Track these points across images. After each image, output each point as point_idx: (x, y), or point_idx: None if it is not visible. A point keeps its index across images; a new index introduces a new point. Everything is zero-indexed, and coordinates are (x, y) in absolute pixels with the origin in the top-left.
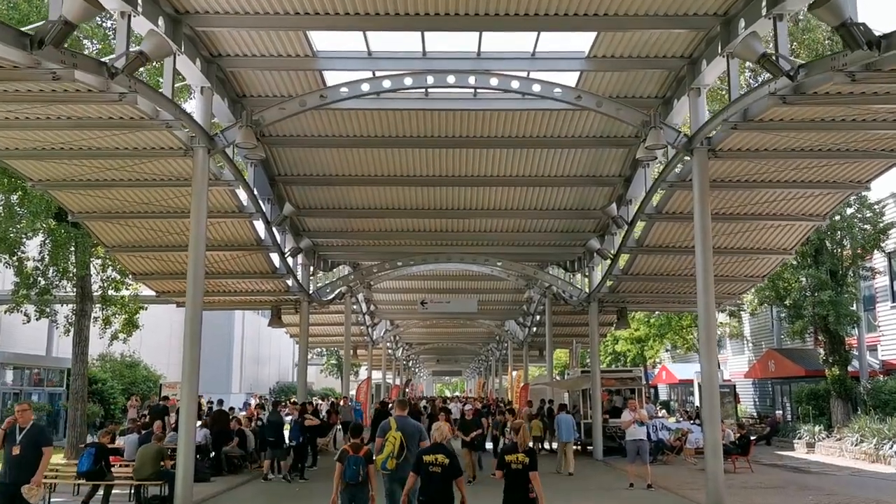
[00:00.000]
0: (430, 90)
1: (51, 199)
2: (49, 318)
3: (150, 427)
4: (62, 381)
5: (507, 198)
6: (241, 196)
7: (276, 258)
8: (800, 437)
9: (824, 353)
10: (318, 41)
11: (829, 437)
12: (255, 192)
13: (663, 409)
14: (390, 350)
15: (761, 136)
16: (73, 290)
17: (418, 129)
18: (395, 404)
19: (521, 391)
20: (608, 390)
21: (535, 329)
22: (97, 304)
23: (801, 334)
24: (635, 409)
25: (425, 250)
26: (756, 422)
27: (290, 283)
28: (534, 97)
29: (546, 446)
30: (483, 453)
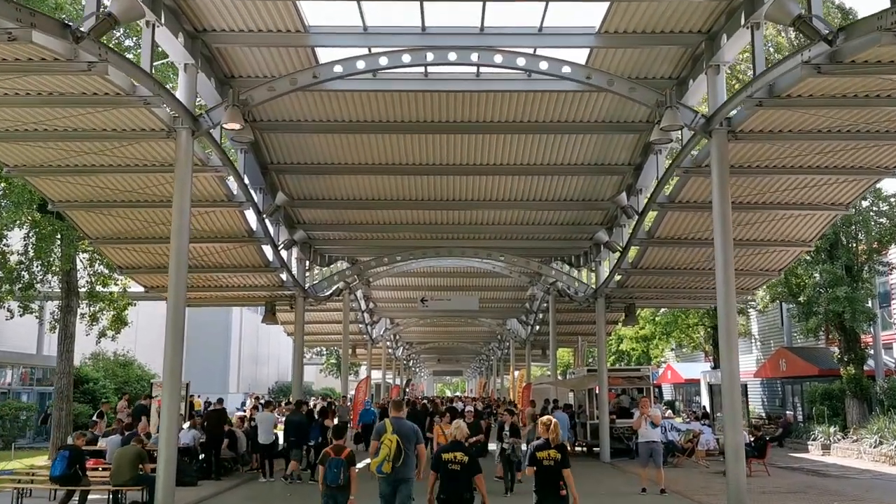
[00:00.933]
0: (429, 69)
1: (33, 189)
2: (34, 314)
3: (133, 428)
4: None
5: (510, 188)
6: (231, 184)
7: (268, 251)
8: (814, 439)
9: (839, 351)
10: (310, 15)
11: (844, 438)
12: (246, 180)
13: (669, 409)
14: (390, 349)
15: (787, 115)
16: (60, 286)
17: (417, 113)
18: (390, 405)
19: (524, 391)
20: (615, 390)
21: (537, 327)
22: (84, 301)
23: (815, 332)
24: (647, 408)
25: (425, 244)
26: (766, 422)
27: (284, 277)
28: (540, 77)
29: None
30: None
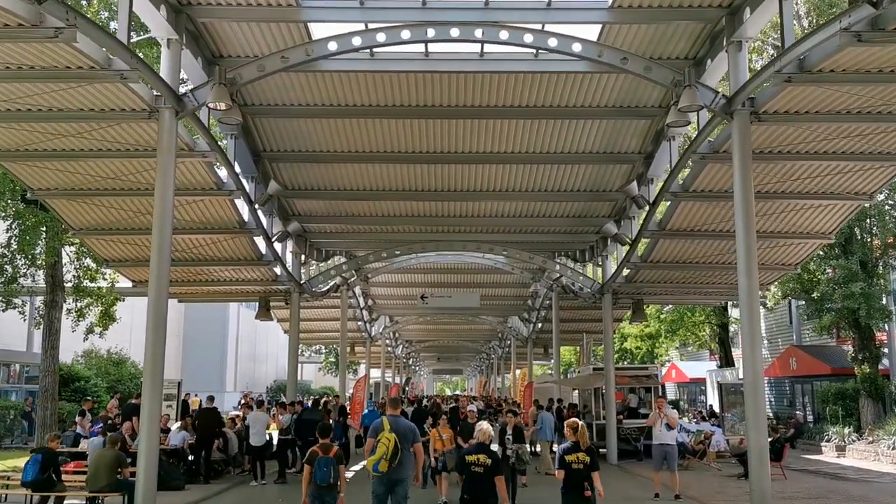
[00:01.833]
0: (431, 49)
1: (14, 178)
2: (17, 309)
3: (119, 428)
4: None
5: (515, 178)
6: (221, 172)
7: (261, 243)
8: (828, 440)
9: (853, 349)
10: None
11: (860, 439)
12: (237, 168)
13: (673, 409)
14: (389, 347)
15: (815, 94)
16: (45, 280)
17: (417, 97)
18: (387, 404)
19: (526, 389)
20: (623, 389)
21: (539, 325)
22: (70, 296)
23: (829, 329)
24: (663, 409)
25: (425, 238)
26: (776, 423)
27: (278, 271)
28: (548, 56)
29: (556, 448)
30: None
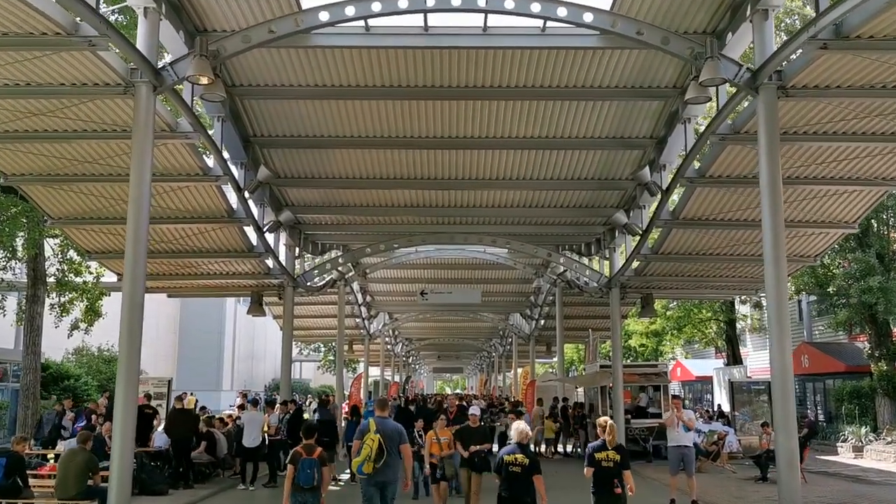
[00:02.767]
0: (430, 23)
1: None
2: None
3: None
4: None
5: (519, 164)
6: (209, 160)
7: (252, 234)
8: (844, 440)
9: (870, 346)
10: None
11: (877, 439)
12: (226, 153)
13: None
14: (389, 345)
15: (850, 64)
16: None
17: (416, 76)
18: (375, 405)
19: (528, 388)
20: (630, 386)
21: (542, 322)
22: (53, 290)
23: (845, 325)
24: (680, 410)
25: (424, 229)
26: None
27: (270, 263)
28: (556, 31)
29: (561, 449)
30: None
